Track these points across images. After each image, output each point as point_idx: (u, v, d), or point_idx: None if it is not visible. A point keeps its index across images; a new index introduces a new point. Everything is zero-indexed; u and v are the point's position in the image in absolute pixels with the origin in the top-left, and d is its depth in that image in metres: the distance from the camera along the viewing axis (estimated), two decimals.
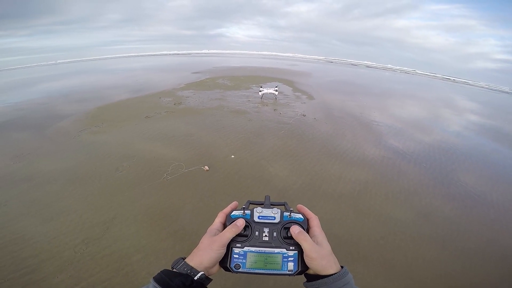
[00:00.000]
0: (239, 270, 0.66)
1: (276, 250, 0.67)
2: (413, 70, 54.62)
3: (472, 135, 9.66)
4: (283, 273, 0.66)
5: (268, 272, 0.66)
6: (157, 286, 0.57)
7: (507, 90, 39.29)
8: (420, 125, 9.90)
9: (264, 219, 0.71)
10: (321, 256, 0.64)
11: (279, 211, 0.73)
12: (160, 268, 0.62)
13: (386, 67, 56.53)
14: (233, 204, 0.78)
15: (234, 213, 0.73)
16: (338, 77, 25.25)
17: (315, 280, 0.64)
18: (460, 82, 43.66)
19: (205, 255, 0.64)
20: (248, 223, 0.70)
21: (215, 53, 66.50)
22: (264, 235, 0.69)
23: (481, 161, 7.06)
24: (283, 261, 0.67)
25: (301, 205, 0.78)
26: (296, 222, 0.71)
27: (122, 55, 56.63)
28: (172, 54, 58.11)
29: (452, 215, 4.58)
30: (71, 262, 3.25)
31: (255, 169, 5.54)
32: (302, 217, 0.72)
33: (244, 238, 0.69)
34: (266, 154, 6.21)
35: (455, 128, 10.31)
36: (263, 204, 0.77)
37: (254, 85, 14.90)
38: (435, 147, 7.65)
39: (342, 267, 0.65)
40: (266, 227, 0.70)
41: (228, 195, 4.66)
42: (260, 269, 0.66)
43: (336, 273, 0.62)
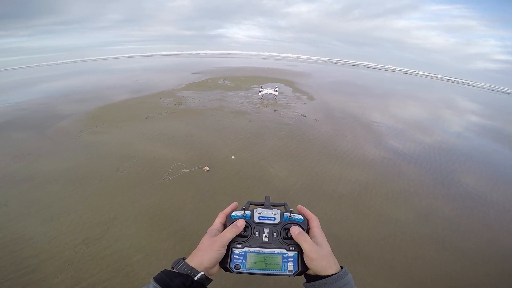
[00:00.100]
0: (239, 271, 0.66)
1: (276, 251, 0.68)
2: (414, 70, 54.63)
3: (473, 136, 9.64)
4: (283, 273, 0.66)
5: (268, 272, 0.66)
6: (157, 286, 0.57)
7: (508, 91, 39.30)
8: (421, 126, 9.89)
9: (264, 219, 0.71)
10: (321, 257, 0.64)
11: (279, 211, 0.73)
12: (161, 269, 0.62)
13: (387, 67, 56.52)
14: (233, 204, 0.79)
15: (234, 213, 0.73)
16: (339, 77, 25.25)
17: (315, 281, 0.64)
18: (461, 83, 43.65)
19: (205, 256, 0.64)
20: (248, 223, 0.71)
21: (215, 53, 66.52)
22: (264, 236, 0.69)
23: (482, 162, 7.06)
24: (283, 261, 0.67)
25: (301, 205, 0.78)
26: (296, 223, 0.71)
27: (122, 55, 56.73)
28: (172, 55, 58.13)
29: (453, 215, 4.58)
30: (71, 262, 3.25)
31: (255, 169, 5.54)
32: (302, 218, 0.73)
33: (244, 239, 0.69)
34: (266, 155, 6.20)
35: (456, 129, 10.30)
36: (263, 204, 0.77)
37: (254, 85, 14.91)
38: (436, 147, 7.64)
39: (342, 267, 0.65)
40: (266, 227, 0.70)
41: (229, 196, 4.65)
42: (260, 269, 0.66)
43: (336, 273, 0.63)
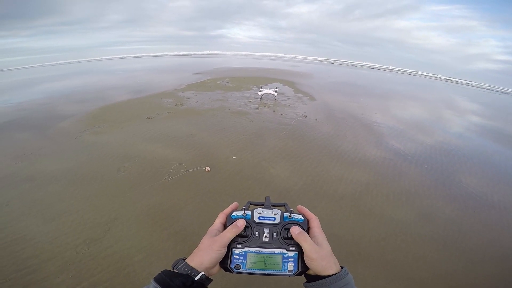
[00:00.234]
0: (239, 271, 0.66)
1: (276, 251, 0.68)
2: (415, 71, 54.57)
3: (474, 136, 9.62)
4: (283, 273, 0.66)
5: (268, 272, 0.66)
6: (157, 287, 0.57)
7: (510, 92, 39.20)
8: (422, 127, 9.88)
9: (264, 219, 0.71)
10: (321, 257, 0.64)
11: (279, 211, 0.73)
12: (162, 269, 0.62)
13: (388, 68, 56.47)
14: (234, 204, 0.79)
15: (235, 213, 0.73)
16: (340, 78, 25.24)
17: (315, 281, 0.64)
18: (463, 83, 43.55)
19: (206, 256, 0.64)
20: (249, 223, 0.71)
21: (216, 54, 66.61)
22: (264, 236, 0.69)
23: (483, 162, 7.04)
24: (283, 261, 0.67)
25: (301, 206, 0.78)
26: (296, 223, 0.71)
27: (123, 55, 56.91)
28: (173, 55, 58.17)
29: (454, 216, 4.57)
30: (72, 262, 3.26)
31: (256, 170, 5.54)
32: (302, 218, 0.72)
33: (244, 239, 0.69)
34: (267, 155, 6.21)
35: (457, 130, 10.28)
36: (263, 205, 0.77)
37: (255, 86, 14.90)
38: (437, 148, 7.63)
39: (342, 267, 0.65)
40: (267, 227, 0.70)
41: (230, 196, 4.66)
42: (260, 269, 0.66)
43: (336, 273, 0.62)
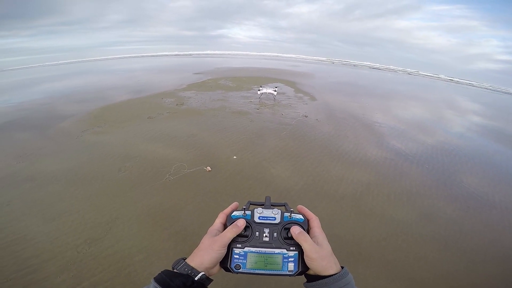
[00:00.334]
0: (239, 271, 0.66)
1: (277, 251, 0.67)
2: (417, 71, 54.52)
3: (475, 136, 9.61)
4: (283, 273, 0.66)
5: (268, 272, 0.66)
6: (157, 287, 0.57)
7: (511, 91, 39.10)
8: (423, 127, 9.86)
9: (264, 219, 0.71)
10: (321, 257, 0.64)
11: (279, 211, 0.73)
12: (162, 269, 0.62)
13: (390, 68, 56.43)
14: (234, 204, 0.78)
15: (235, 213, 0.73)
16: (340, 78, 25.21)
17: (315, 281, 0.64)
18: (464, 83, 43.46)
19: (206, 256, 0.64)
20: (249, 223, 0.70)
21: (216, 54, 66.64)
22: (264, 236, 0.69)
23: (484, 162, 7.02)
24: (283, 261, 0.67)
25: (301, 205, 0.78)
26: (296, 223, 0.70)
27: (124, 55, 56.97)
28: (173, 55, 58.20)
29: (455, 216, 4.56)
30: (73, 262, 3.26)
31: (257, 170, 5.54)
32: (303, 218, 0.72)
33: (244, 239, 0.69)
34: (268, 155, 6.21)
35: (458, 130, 10.26)
36: (263, 204, 0.77)
37: (255, 86, 14.89)
38: (438, 148, 7.62)
39: (342, 267, 0.65)
40: (267, 227, 0.70)
41: (230, 196, 4.66)
42: (261, 269, 0.66)
43: (336, 273, 0.62)
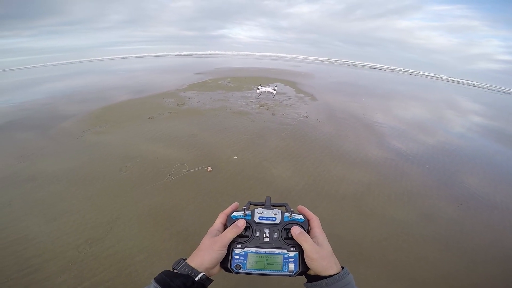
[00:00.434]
0: (239, 271, 0.66)
1: (277, 251, 0.67)
2: (418, 71, 54.44)
3: (476, 136, 9.58)
4: (283, 273, 0.66)
5: (268, 272, 0.66)
6: (158, 287, 0.57)
7: None
8: (424, 127, 9.84)
9: (264, 220, 0.71)
10: (322, 257, 0.64)
11: (279, 212, 0.73)
12: (163, 269, 0.62)
13: (391, 68, 56.35)
14: (234, 205, 0.79)
15: (235, 214, 0.73)
16: (341, 78, 25.19)
17: (315, 281, 0.64)
18: (466, 83, 43.34)
19: (206, 256, 0.64)
20: (249, 224, 0.70)
21: (217, 54, 66.69)
22: (264, 236, 0.69)
23: (485, 162, 7.00)
24: (283, 261, 0.67)
25: (301, 206, 0.78)
26: (296, 223, 0.71)
27: (125, 55, 57.09)
28: (174, 55, 58.23)
29: (456, 216, 4.55)
30: (74, 262, 3.27)
31: (258, 170, 5.54)
32: (303, 218, 0.72)
33: (244, 239, 0.69)
34: (268, 155, 6.20)
35: (459, 130, 10.23)
36: (263, 205, 0.77)
37: (256, 86, 14.90)
38: (439, 148, 7.60)
39: (343, 267, 0.65)
40: (267, 228, 0.70)
41: (231, 196, 4.66)
42: (261, 269, 0.66)
43: (336, 273, 0.62)
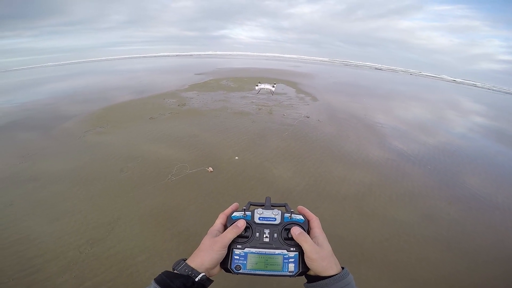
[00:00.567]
0: (239, 271, 0.66)
1: (277, 251, 0.67)
2: (419, 71, 54.34)
3: (478, 137, 9.54)
4: (283, 274, 0.66)
5: (268, 273, 0.66)
6: None
7: None
8: (425, 127, 9.81)
9: (264, 220, 0.71)
10: (322, 257, 0.64)
11: (279, 212, 0.73)
12: (164, 269, 0.63)
13: (391, 68, 56.25)
14: (234, 205, 0.79)
15: (235, 214, 0.73)
16: (342, 78, 25.15)
17: (315, 281, 0.64)
18: (468, 84, 43.19)
19: (206, 256, 0.64)
20: (249, 224, 0.71)
21: (218, 54, 66.77)
22: (264, 236, 0.69)
23: (487, 163, 6.98)
24: (283, 262, 0.67)
25: (301, 206, 0.78)
26: (296, 223, 0.71)
27: (126, 56, 57.28)
28: (175, 56, 58.31)
29: (457, 216, 4.54)
30: (75, 262, 3.28)
31: (259, 170, 5.54)
32: (303, 218, 0.72)
33: (244, 239, 0.69)
34: (269, 156, 6.20)
35: (461, 130, 10.20)
36: (263, 205, 0.77)
37: (257, 86, 14.91)
38: (440, 149, 7.58)
39: (343, 268, 0.65)
40: (267, 228, 0.70)
41: (232, 197, 4.66)
42: (261, 270, 0.66)
43: (336, 274, 0.62)
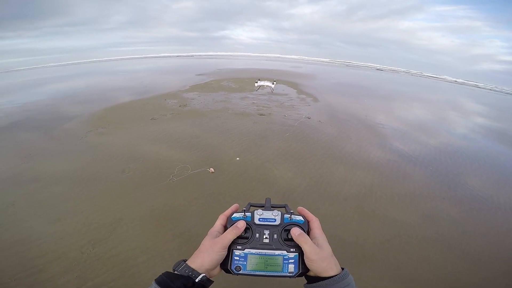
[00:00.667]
0: (239, 272, 0.66)
1: (277, 252, 0.68)
2: (420, 72, 54.24)
3: (479, 137, 9.51)
4: (283, 275, 0.66)
5: (268, 274, 0.66)
6: None
7: None
8: (426, 128, 9.78)
9: (264, 221, 0.72)
10: (322, 258, 0.64)
11: (279, 213, 0.73)
12: (166, 270, 0.63)
13: (393, 69, 56.17)
14: (234, 206, 0.79)
15: (235, 215, 0.73)
16: (343, 79, 25.09)
17: (315, 282, 0.64)
18: (470, 84, 43.01)
19: (207, 257, 0.65)
20: (249, 225, 0.71)
21: (219, 55, 66.76)
22: (264, 237, 0.70)
23: (488, 164, 6.95)
24: (283, 263, 0.67)
25: (301, 207, 0.78)
26: (296, 224, 0.71)
27: (127, 56, 57.38)
28: (176, 56, 58.36)
29: (458, 217, 4.52)
30: (77, 262, 3.29)
31: (260, 171, 5.54)
32: (303, 219, 0.73)
33: (244, 240, 0.69)
34: (271, 157, 6.20)
35: (462, 131, 10.16)
36: (263, 206, 0.78)
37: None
38: (442, 150, 7.56)
39: (343, 268, 0.66)
40: (267, 229, 0.71)
41: (233, 197, 4.66)
42: (261, 271, 0.67)
43: (336, 275, 0.63)
